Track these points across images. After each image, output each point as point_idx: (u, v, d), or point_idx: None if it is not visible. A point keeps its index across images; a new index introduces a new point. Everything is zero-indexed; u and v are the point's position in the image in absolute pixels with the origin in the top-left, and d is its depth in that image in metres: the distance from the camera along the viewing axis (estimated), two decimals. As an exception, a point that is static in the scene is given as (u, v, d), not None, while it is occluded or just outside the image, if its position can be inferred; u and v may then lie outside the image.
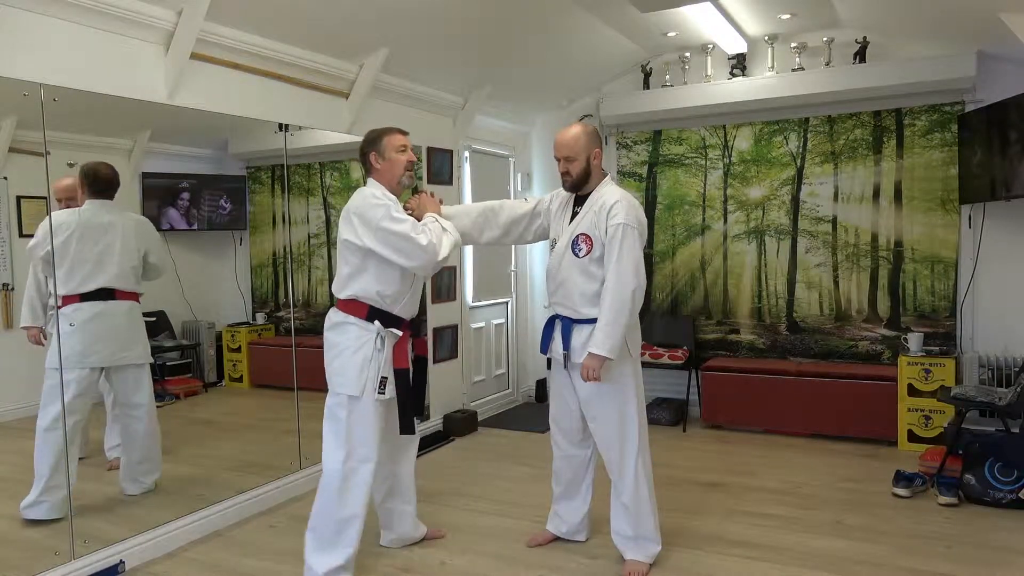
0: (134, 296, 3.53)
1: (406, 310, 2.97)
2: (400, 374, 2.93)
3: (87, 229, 3.34)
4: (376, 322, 2.87)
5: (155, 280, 3.68)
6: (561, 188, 3.14)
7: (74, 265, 3.30)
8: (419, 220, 2.96)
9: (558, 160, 3.01)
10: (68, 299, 3.29)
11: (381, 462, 3.16)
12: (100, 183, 3.42)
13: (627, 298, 2.81)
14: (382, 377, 2.88)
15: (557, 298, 3.03)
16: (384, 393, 2.89)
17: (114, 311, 3.44)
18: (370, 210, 2.80)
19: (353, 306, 2.89)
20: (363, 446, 2.87)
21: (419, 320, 3.11)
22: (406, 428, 2.99)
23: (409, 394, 2.97)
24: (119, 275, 3.45)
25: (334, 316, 2.93)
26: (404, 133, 3.01)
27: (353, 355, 2.85)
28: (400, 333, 2.93)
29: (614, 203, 2.88)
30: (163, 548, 3.24)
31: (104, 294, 3.40)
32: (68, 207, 3.35)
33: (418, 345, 3.10)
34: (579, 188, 3.02)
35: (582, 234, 2.93)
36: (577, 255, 2.93)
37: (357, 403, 2.85)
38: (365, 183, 2.98)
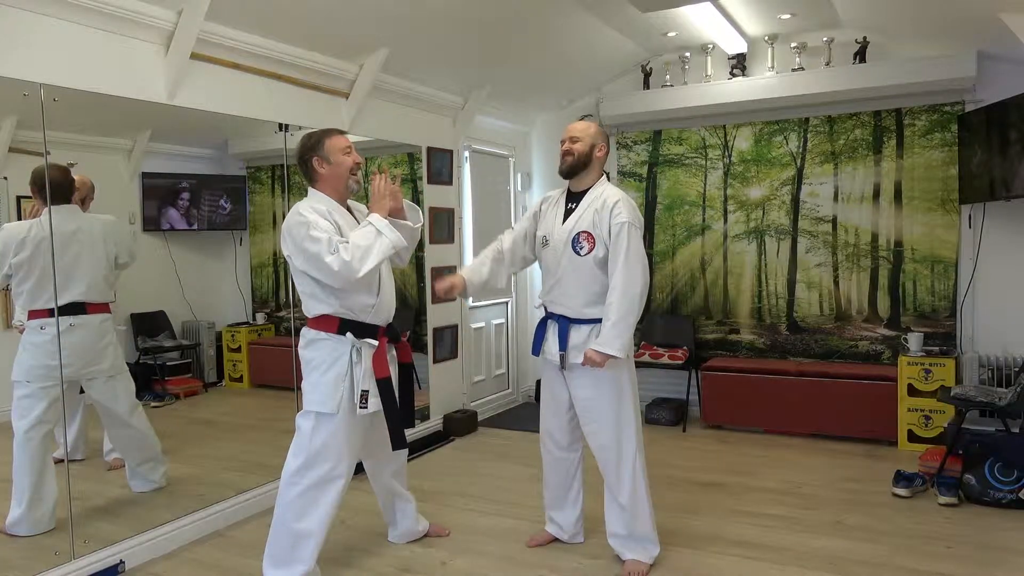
0: (105, 308, 3.39)
1: (380, 316, 2.83)
2: (383, 384, 2.80)
3: (48, 240, 3.02)
4: (349, 334, 2.75)
5: (123, 271, 3.55)
6: (549, 193, 3.13)
7: (40, 280, 3.07)
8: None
9: (563, 142, 2.98)
10: (37, 313, 3.11)
11: (373, 474, 3.13)
12: (49, 187, 3.12)
13: (636, 297, 2.80)
14: (363, 391, 2.75)
15: (553, 296, 2.99)
16: (367, 407, 2.76)
17: (85, 325, 3.29)
18: (295, 229, 2.66)
19: (324, 322, 2.76)
20: (329, 464, 2.75)
21: (397, 325, 2.97)
22: (397, 443, 2.89)
23: (396, 405, 2.84)
24: (90, 287, 3.31)
25: (307, 334, 2.81)
26: (344, 134, 2.85)
27: (327, 371, 2.73)
28: (376, 343, 2.80)
29: (616, 202, 2.87)
30: (163, 548, 3.24)
31: (75, 308, 3.24)
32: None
33: (401, 352, 2.98)
34: (575, 173, 2.97)
35: (583, 232, 2.89)
36: (579, 253, 2.89)
37: (325, 420, 2.74)
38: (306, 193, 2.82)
